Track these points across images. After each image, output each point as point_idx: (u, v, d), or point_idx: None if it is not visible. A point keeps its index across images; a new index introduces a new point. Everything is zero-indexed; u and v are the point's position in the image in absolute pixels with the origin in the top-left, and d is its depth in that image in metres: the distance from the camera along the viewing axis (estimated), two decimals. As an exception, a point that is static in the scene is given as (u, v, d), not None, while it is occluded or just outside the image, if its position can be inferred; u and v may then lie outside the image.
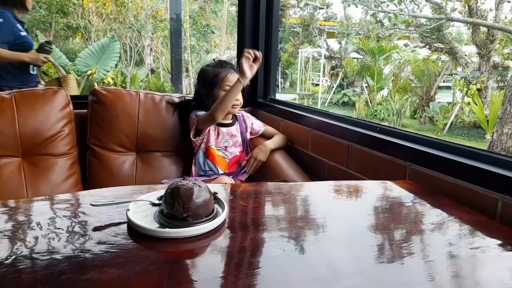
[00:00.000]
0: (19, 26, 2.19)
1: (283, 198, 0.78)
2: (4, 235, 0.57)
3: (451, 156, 0.88)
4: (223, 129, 1.48)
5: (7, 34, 2.11)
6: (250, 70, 1.31)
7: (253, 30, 1.84)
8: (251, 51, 1.32)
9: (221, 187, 0.85)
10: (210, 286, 0.47)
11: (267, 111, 1.76)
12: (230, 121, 1.51)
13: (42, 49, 2.24)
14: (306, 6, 12.12)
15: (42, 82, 2.34)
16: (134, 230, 0.59)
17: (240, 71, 1.32)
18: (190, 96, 1.61)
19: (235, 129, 1.51)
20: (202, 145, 1.47)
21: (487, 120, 6.26)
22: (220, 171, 1.45)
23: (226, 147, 1.48)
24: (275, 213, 0.71)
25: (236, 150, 1.50)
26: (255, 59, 1.33)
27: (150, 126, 1.51)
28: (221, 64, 1.49)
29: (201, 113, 1.44)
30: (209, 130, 1.45)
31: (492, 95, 6.54)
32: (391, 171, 1.02)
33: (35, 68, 2.26)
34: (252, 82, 1.89)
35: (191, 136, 1.45)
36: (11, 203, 0.70)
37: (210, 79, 1.45)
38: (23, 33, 2.21)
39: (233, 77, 1.44)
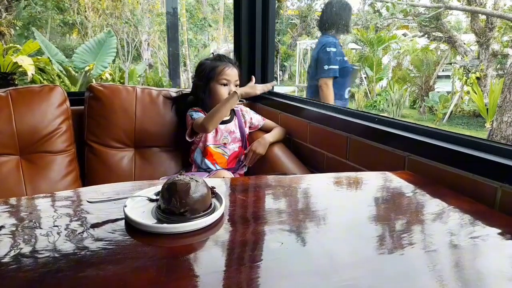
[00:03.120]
0: (343, 51, 2.22)
1: (283, 191, 0.78)
2: (2, 233, 0.57)
3: (450, 146, 0.87)
4: (221, 127, 1.46)
5: (338, 62, 2.14)
6: (251, 91, 1.41)
7: (250, 23, 1.82)
8: (263, 88, 1.45)
9: (220, 181, 0.84)
10: (209, 280, 0.47)
11: (265, 104, 1.75)
12: (228, 117, 1.49)
13: None
14: (304, -3, 12.00)
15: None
16: (131, 226, 0.59)
17: (246, 87, 1.40)
18: (188, 90, 1.60)
19: (233, 125, 1.50)
20: (200, 144, 1.46)
21: (487, 109, 6.23)
22: (219, 168, 1.44)
23: (225, 144, 1.47)
24: (275, 206, 0.71)
25: (235, 146, 1.49)
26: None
27: (148, 122, 1.50)
28: (219, 58, 1.48)
29: (197, 115, 1.41)
30: None
31: (491, 84, 6.51)
32: (390, 162, 1.02)
33: (349, 92, 2.27)
34: (249, 75, 1.88)
35: (187, 137, 1.44)
36: (9, 200, 0.70)
37: (207, 73, 1.44)
38: (345, 58, 2.24)
39: (230, 71, 1.43)
